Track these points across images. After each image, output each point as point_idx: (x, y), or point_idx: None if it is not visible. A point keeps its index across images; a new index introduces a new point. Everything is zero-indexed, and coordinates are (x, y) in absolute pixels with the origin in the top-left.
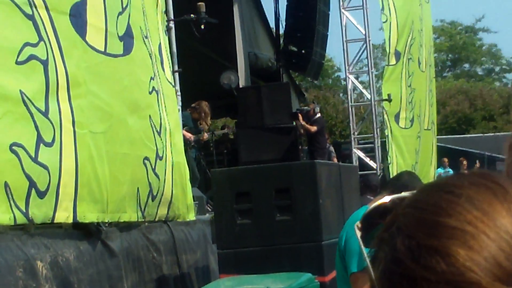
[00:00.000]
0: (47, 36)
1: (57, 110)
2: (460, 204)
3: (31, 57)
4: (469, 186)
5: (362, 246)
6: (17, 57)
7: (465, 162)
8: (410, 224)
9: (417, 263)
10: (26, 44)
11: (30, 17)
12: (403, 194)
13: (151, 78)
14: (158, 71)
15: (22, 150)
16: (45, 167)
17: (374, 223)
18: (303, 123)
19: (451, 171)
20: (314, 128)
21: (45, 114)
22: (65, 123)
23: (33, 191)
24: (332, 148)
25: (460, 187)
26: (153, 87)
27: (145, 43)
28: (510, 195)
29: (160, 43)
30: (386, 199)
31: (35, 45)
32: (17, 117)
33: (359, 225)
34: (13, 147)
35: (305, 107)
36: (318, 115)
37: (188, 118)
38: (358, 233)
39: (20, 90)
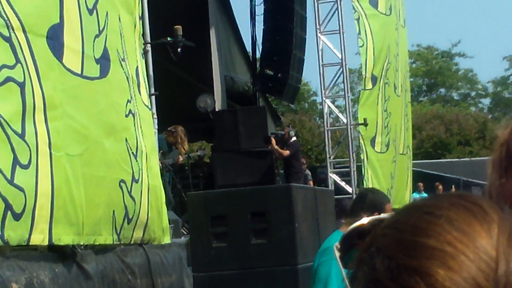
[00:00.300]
0: (24, 58)
1: (34, 132)
2: (439, 225)
3: (8, 79)
4: (449, 207)
5: (341, 267)
6: None
7: (440, 187)
8: (390, 244)
9: (396, 283)
10: (3, 66)
11: (7, 39)
12: (382, 215)
13: (128, 101)
14: (134, 94)
15: None
16: (21, 189)
17: (353, 244)
18: (276, 147)
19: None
20: (286, 153)
21: (22, 136)
22: (41, 145)
23: (9, 213)
24: (308, 172)
25: (439, 208)
26: (130, 110)
27: (122, 66)
28: (490, 216)
29: (137, 66)
30: (364, 220)
31: (12, 67)
32: None
33: (338, 246)
34: None
35: (280, 131)
36: (293, 139)
37: (162, 141)
38: (337, 254)
39: None
